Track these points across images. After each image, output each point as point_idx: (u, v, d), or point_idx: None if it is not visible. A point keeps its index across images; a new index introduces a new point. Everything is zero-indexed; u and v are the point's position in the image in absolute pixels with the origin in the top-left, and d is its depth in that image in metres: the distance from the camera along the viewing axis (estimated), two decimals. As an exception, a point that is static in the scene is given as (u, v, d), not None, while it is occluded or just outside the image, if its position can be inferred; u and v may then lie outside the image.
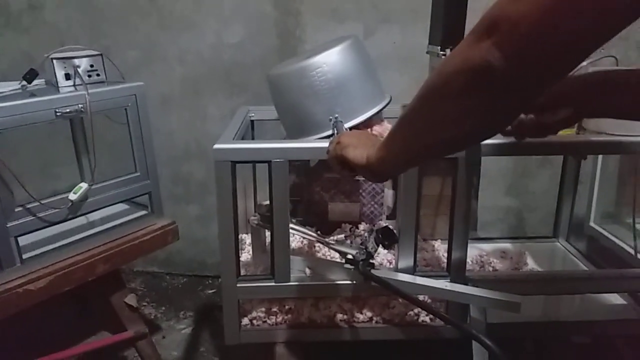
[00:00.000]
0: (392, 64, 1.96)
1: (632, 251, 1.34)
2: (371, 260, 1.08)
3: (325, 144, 1.02)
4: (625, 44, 1.74)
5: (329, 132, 1.17)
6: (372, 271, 1.05)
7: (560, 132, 1.11)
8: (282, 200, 1.04)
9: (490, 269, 1.32)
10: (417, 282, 1.06)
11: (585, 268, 1.38)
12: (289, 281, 1.10)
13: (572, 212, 1.51)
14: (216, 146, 1.01)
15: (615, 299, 1.25)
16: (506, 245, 1.49)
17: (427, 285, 1.05)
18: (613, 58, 1.18)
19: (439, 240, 1.44)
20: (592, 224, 1.55)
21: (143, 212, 1.57)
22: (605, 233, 1.48)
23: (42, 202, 1.30)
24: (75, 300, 1.66)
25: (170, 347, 1.90)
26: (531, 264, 1.38)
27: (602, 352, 1.23)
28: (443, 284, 1.06)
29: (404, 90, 1.96)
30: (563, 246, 1.51)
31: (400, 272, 1.10)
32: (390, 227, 1.07)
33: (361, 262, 1.05)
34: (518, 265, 1.35)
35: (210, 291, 2.24)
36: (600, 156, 1.51)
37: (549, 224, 2.12)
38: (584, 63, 1.26)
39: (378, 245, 1.07)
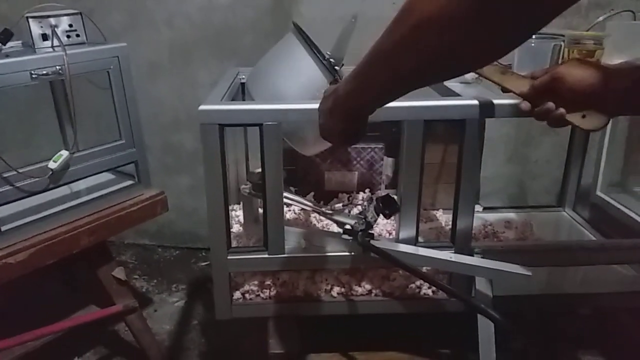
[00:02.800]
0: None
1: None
2: (370, 231, 1.02)
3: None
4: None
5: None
6: (372, 242, 0.99)
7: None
8: (275, 167, 0.97)
9: (495, 239, 1.26)
10: (420, 254, 0.99)
11: (594, 238, 1.32)
12: (283, 253, 1.03)
13: (580, 181, 1.44)
14: (202, 107, 0.93)
15: (625, 269, 1.20)
16: (510, 215, 1.43)
17: (431, 256, 0.98)
18: (631, 12, 1.10)
19: (441, 210, 1.38)
20: (598, 192, 1.49)
21: (130, 182, 1.49)
22: (613, 202, 1.42)
23: (20, 170, 1.22)
24: (61, 274, 1.60)
25: (162, 320, 1.85)
26: (537, 234, 1.32)
27: (610, 325, 1.18)
28: (448, 255, 1.00)
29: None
30: (570, 216, 1.45)
31: (401, 242, 1.03)
32: (391, 195, 1.00)
33: (360, 233, 0.99)
34: (524, 236, 1.29)
35: (203, 264, 2.18)
36: (610, 121, 1.43)
37: (551, 193, 2.06)
38: (600, 18, 1.18)
39: (378, 215, 1.00)
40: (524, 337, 0.84)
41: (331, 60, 1.17)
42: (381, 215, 1.00)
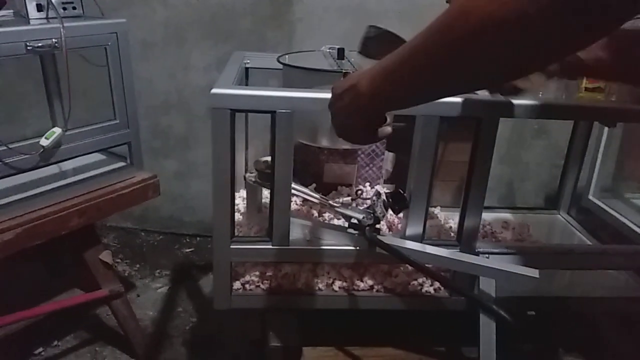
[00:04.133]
0: (392, 18, 1.85)
1: (635, 228, 1.31)
2: (377, 226, 1.00)
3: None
4: None
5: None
6: (379, 237, 0.98)
7: (589, 97, 1.04)
8: (286, 157, 0.94)
9: (494, 239, 1.26)
10: (428, 251, 0.98)
11: (589, 242, 1.34)
12: (288, 244, 1.01)
13: (577, 184, 1.46)
14: (214, 91, 0.89)
15: (620, 275, 1.22)
16: (506, 215, 1.43)
17: (439, 255, 0.98)
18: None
19: (439, 208, 1.37)
20: (590, 197, 1.51)
21: (122, 164, 1.45)
22: (605, 207, 1.44)
23: (10, 146, 1.17)
24: (46, 256, 1.54)
25: (145, 306, 1.81)
26: (534, 236, 1.32)
27: (604, 329, 1.20)
28: (456, 254, 0.99)
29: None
30: (564, 219, 1.46)
31: (408, 239, 1.02)
32: (401, 191, 0.99)
33: (367, 227, 0.98)
34: (521, 237, 1.30)
35: (187, 250, 2.14)
36: (606, 127, 1.45)
37: (539, 195, 2.09)
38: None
39: (387, 210, 0.98)
40: (533, 339, 0.84)
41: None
42: (390, 211, 0.98)
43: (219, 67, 1.85)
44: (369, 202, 1.02)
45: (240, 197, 1.28)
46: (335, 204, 1.03)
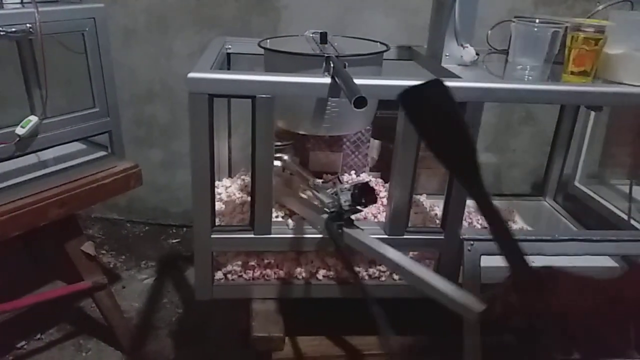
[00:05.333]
0: (378, 4, 1.83)
1: (621, 214, 1.30)
2: (351, 217, 0.96)
3: (317, 79, 0.90)
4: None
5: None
6: (346, 230, 0.92)
7: (574, 81, 1.03)
8: (267, 143, 0.92)
9: (479, 226, 1.25)
10: (389, 256, 0.88)
11: (575, 229, 1.33)
12: (270, 233, 0.99)
13: (563, 171, 1.45)
14: (191, 75, 0.87)
15: (607, 260, 1.21)
16: (493, 202, 1.42)
17: (398, 262, 0.89)
18: (629, 3, 1.09)
19: (424, 195, 1.36)
20: (577, 183, 1.50)
21: (102, 153, 1.42)
22: (591, 194, 1.44)
23: (-15, 135, 1.14)
24: (27, 247, 1.52)
25: (130, 297, 1.80)
26: (520, 223, 1.32)
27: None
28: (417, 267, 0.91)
29: (391, 34, 1.84)
30: (550, 205, 1.46)
31: (390, 228, 1.01)
32: (372, 183, 0.97)
33: (329, 218, 0.93)
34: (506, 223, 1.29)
35: (173, 241, 2.12)
36: (592, 112, 1.45)
37: (527, 182, 2.09)
38: (599, 7, 1.17)
39: (354, 202, 0.93)
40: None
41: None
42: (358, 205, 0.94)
43: (203, 54, 1.83)
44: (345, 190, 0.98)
45: (223, 186, 1.26)
46: (313, 184, 1.02)
